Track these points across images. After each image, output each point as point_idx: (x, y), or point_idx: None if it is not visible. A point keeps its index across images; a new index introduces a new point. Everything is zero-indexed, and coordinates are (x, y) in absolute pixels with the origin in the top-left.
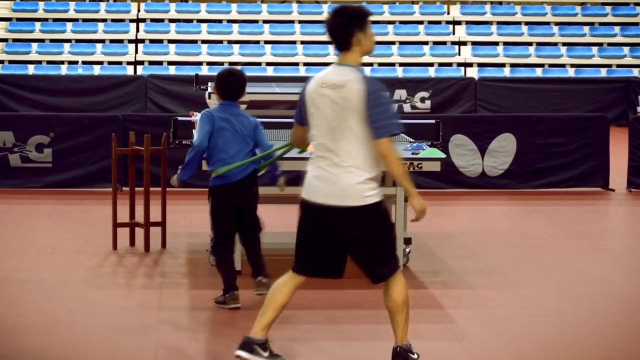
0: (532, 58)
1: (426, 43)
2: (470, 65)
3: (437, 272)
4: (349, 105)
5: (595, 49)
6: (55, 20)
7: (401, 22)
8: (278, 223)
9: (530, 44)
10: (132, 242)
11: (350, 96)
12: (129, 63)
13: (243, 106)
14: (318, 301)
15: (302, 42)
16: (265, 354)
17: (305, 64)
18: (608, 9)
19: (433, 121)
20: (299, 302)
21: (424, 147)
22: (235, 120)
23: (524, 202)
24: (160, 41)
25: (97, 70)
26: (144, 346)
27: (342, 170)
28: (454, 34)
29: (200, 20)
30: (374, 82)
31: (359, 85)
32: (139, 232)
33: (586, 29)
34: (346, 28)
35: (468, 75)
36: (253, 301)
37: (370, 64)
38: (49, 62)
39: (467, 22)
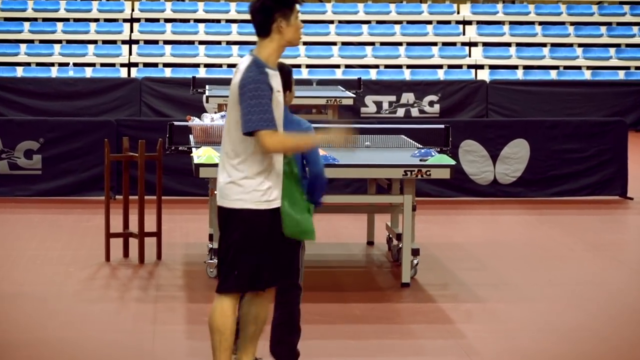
0: (546, 60)
1: (435, 44)
2: (481, 67)
3: (447, 285)
4: (231, 98)
5: (612, 50)
6: (45, 20)
7: (408, 22)
8: None
9: (544, 44)
10: (126, 253)
11: (232, 88)
12: (122, 65)
13: None
14: (320, 315)
15: (305, 43)
16: None
17: (308, 66)
18: (626, 8)
19: (442, 126)
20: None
21: (433, 154)
22: (290, 129)
23: (538, 211)
24: (156, 42)
25: (89, 72)
26: None
27: (220, 167)
28: (464, 34)
29: (197, 20)
30: (249, 71)
31: (239, 76)
32: (133, 243)
33: (603, 29)
34: (267, 11)
35: (479, 77)
36: None
37: (377, 66)
38: (38, 64)
39: (478, 22)
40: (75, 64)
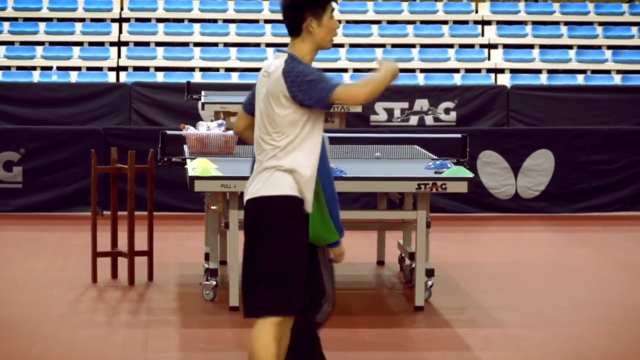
0: (572, 63)
1: (451, 46)
2: (501, 71)
3: (464, 309)
4: (272, 97)
5: None
6: (26, 19)
7: (422, 22)
8: None
9: (570, 47)
10: (114, 274)
11: (271, 88)
12: (110, 69)
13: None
14: (327, 341)
15: None
16: None
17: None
18: None
19: (459, 135)
20: None
21: (449, 166)
22: None
23: (563, 228)
24: (147, 44)
25: (74, 77)
26: None
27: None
28: (483, 35)
29: (192, 20)
30: (289, 63)
31: (279, 70)
32: (122, 263)
33: (634, 29)
34: (298, 9)
35: (499, 82)
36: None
37: None
38: (18, 68)
39: (498, 22)
40: (59, 68)
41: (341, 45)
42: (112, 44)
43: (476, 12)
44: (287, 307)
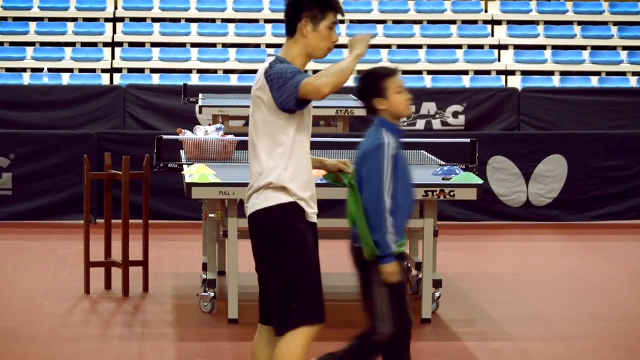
0: (586, 65)
1: (460, 47)
2: (512, 73)
3: (473, 321)
4: (255, 102)
5: None
6: (16, 19)
7: (430, 22)
8: None
9: (584, 47)
10: (108, 284)
11: (256, 90)
12: (104, 71)
13: (240, 122)
14: None
15: None
16: None
17: (316, 71)
18: None
19: (468, 140)
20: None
21: (457, 172)
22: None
23: (577, 237)
24: (142, 44)
25: (66, 79)
26: None
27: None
28: (493, 36)
29: (189, 20)
30: (273, 64)
31: (262, 73)
32: (117, 273)
33: None
34: (297, 8)
35: (509, 85)
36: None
37: None
38: (8, 70)
39: (509, 22)
40: (50, 70)
41: (344, 47)
42: (105, 44)
43: (486, 11)
44: (318, 315)
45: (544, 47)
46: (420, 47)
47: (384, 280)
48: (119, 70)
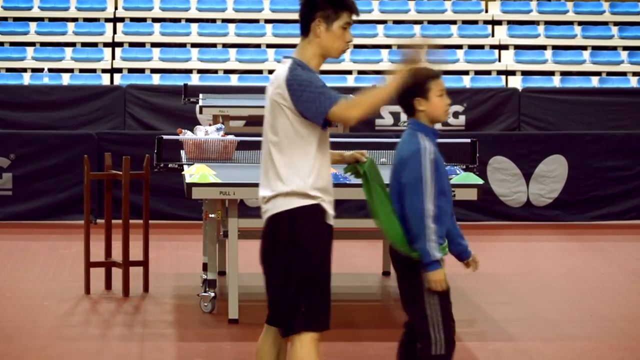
0: (586, 65)
1: (460, 47)
2: (512, 73)
3: (473, 321)
4: (273, 106)
5: None
6: (15, 19)
7: (430, 22)
8: None
9: (584, 47)
10: (108, 284)
11: (271, 97)
12: (104, 71)
13: (240, 122)
14: (330, 355)
15: None
16: None
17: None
18: None
19: (468, 140)
20: None
21: (457, 172)
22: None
23: (577, 237)
24: (142, 44)
25: (66, 79)
26: None
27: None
28: (493, 36)
29: (189, 20)
30: (293, 70)
31: (283, 75)
32: (117, 273)
33: None
34: (310, 7)
35: (510, 85)
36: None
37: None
38: (8, 70)
39: (509, 22)
40: (50, 70)
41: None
42: (106, 44)
43: (486, 11)
44: (324, 321)
45: (544, 47)
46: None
47: (431, 288)
48: (119, 70)
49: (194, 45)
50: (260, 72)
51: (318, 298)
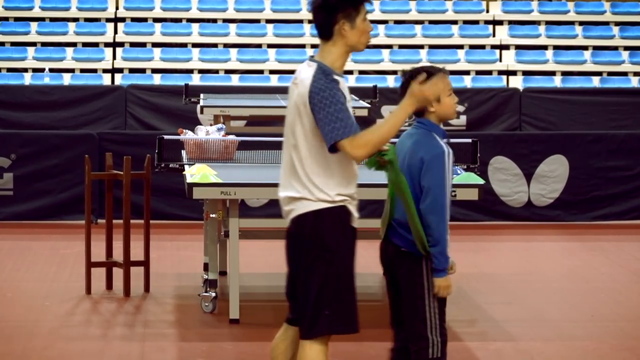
0: (587, 65)
1: (461, 47)
2: (513, 73)
3: (474, 321)
4: (294, 111)
5: None
6: (16, 19)
7: (431, 22)
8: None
9: (585, 47)
10: (110, 285)
11: (297, 99)
12: (105, 71)
13: (241, 122)
14: (330, 356)
15: (313, 46)
16: None
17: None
18: None
19: (469, 140)
20: None
21: (458, 172)
22: None
23: (578, 237)
24: (143, 44)
25: (67, 79)
26: None
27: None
28: (494, 36)
29: (190, 20)
30: (317, 79)
31: (306, 84)
32: (118, 273)
33: None
34: (330, 11)
35: (511, 85)
36: (246, 354)
37: (394, 72)
38: (9, 70)
39: (510, 22)
40: (51, 70)
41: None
42: (107, 44)
43: (487, 11)
44: (349, 326)
45: (545, 47)
46: (421, 47)
47: (437, 293)
48: (120, 70)
49: (195, 45)
50: (261, 72)
51: (341, 301)
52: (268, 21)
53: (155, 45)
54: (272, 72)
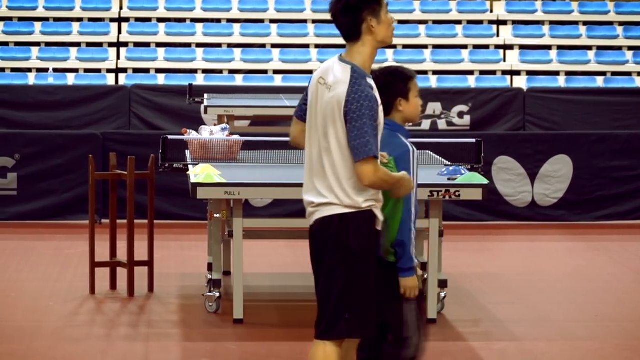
0: (591, 65)
1: (465, 47)
2: (517, 73)
3: (478, 321)
4: (328, 113)
5: None
6: (20, 19)
7: (435, 22)
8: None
9: (589, 47)
10: (113, 284)
11: (332, 100)
12: (109, 71)
13: (245, 122)
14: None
15: (317, 46)
16: None
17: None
18: None
19: (473, 140)
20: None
21: (463, 172)
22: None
23: (582, 237)
24: (147, 44)
25: (71, 79)
26: None
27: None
28: (498, 36)
29: (194, 20)
30: (356, 84)
31: (342, 89)
32: (122, 273)
33: None
34: (354, 11)
35: (515, 85)
36: (250, 354)
37: None
38: (13, 70)
39: (514, 22)
40: (55, 70)
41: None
42: (111, 44)
43: (491, 11)
44: (366, 329)
45: (549, 47)
46: (425, 47)
47: (403, 294)
48: (124, 70)
49: (199, 45)
50: (265, 72)
51: (362, 304)
52: (272, 21)
53: (159, 45)
54: (276, 72)
